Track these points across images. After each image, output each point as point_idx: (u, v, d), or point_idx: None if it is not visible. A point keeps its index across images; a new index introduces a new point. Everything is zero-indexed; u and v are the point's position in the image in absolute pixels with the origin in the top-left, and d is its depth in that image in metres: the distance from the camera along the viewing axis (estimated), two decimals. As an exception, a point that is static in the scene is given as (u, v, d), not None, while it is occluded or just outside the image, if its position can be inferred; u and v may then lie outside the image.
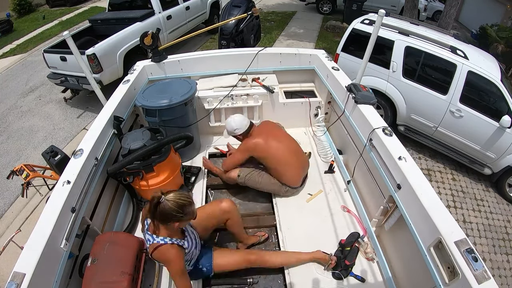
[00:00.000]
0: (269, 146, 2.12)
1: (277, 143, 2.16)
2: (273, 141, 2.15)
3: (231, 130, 2.22)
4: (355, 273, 1.82)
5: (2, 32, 9.74)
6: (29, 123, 5.09)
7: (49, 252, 1.33)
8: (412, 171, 1.60)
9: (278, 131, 2.31)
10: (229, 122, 2.22)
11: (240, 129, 2.20)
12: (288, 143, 2.25)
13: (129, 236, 1.77)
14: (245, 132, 2.21)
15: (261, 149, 2.12)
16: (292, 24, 9.07)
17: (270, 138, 2.16)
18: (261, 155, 2.15)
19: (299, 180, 2.29)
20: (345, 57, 4.41)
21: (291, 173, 2.21)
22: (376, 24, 2.00)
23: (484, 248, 3.34)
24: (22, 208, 3.61)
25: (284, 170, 2.17)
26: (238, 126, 2.19)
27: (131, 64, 2.88)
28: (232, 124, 2.20)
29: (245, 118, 2.25)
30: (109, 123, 2.08)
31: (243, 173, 2.21)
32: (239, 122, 2.20)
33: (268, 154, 2.13)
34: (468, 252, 1.23)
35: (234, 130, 2.20)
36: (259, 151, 2.14)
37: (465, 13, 11.15)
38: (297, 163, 2.24)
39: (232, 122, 2.21)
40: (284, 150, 2.17)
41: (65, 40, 2.07)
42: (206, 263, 1.69)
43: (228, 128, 2.24)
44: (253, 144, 2.14)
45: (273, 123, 2.41)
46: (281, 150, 2.15)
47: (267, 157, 2.15)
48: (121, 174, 2.00)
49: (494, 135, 3.55)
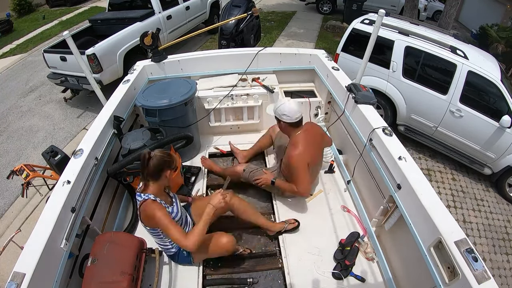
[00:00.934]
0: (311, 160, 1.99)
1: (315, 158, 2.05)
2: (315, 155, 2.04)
3: (280, 112, 1.98)
4: (355, 273, 1.82)
5: (2, 32, 9.73)
6: (29, 123, 5.09)
7: (49, 252, 1.33)
8: (412, 171, 1.60)
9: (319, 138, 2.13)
10: (283, 104, 1.97)
11: (290, 117, 1.95)
12: (320, 153, 2.17)
13: (129, 236, 1.76)
14: (290, 123, 1.98)
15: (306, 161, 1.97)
16: (292, 24, 9.07)
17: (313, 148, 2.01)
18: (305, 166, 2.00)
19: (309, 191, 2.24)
20: (345, 57, 4.41)
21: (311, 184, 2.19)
22: (376, 24, 2.00)
23: (484, 248, 3.34)
24: (22, 208, 3.60)
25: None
26: (289, 113, 1.94)
27: (131, 64, 2.88)
28: (285, 108, 1.95)
29: (300, 110, 1.99)
30: (109, 123, 2.08)
31: (249, 169, 2.20)
32: (292, 109, 1.95)
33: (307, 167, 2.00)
34: (468, 252, 1.23)
35: (282, 115, 1.97)
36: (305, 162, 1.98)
37: (465, 13, 11.15)
38: (316, 175, 2.24)
39: (286, 106, 1.95)
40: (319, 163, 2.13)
41: (65, 40, 2.08)
42: None
43: (279, 108, 1.98)
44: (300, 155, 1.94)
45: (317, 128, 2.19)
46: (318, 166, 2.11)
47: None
48: (121, 174, 2.00)
49: (494, 135, 3.55)
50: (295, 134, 2.02)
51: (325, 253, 1.94)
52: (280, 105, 1.98)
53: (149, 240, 1.86)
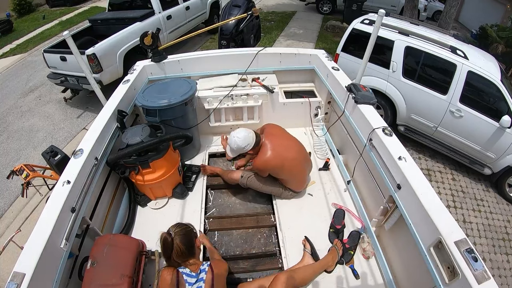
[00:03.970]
0: (283, 161, 2.01)
1: (290, 154, 2.05)
2: (286, 153, 2.03)
3: (240, 149, 1.97)
4: (354, 267, 1.86)
5: (2, 32, 9.72)
6: (29, 123, 5.09)
7: (49, 252, 1.32)
8: (412, 171, 1.60)
9: (286, 139, 2.16)
10: (236, 143, 1.95)
11: (250, 144, 1.97)
12: (298, 149, 2.15)
13: (129, 238, 1.76)
14: (255, 145, 2.00)
15: (274, 165, 2.01)
16: (292, 24, 9.07)
17: (281, 149, 2.03)
18: (275, 171, 2.06)
19: (304, 185, 2.30)
20: (345, 57, 4.41)
21: (300, 180, 2.21)
22: (376, 24, 1.99)
23: (484, 248, 3.34)
24: (22, 208, 3.60)
25: (292, 179, 2.16)
26: (246, 142, 1.95)
27: (131, 64, 2.88)
28: (239, 143, 1.94)
29: (249, 131, 1.99)
30: (109, 123, 2.08)
31: (246, 175, 2.19)
32: (245, 138, 1.95)
33: (282, 169, 2.04)
34: (468, 252, 1.23)
35: (244, 148, 1.97)
36: (273, 168, 2.04)
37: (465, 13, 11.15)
38: (305, 171, 2.23)
39: (239, 141, 1.94)
40: (297, 160, 2.08)
41: (65, 40, 2.07)
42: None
43: (234, 148, 1.98)
44: (264, 163, 1.99)
45: (279, 128, 2.23)
46: (295, 162, 2.06)
47: (280, 172, 2.08)
48: (119, 167, 2.05)
49: (494, 135, 3.55)
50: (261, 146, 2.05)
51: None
52: (234, 145, 1.97)
53: (149, 242, 1.87)
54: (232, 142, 1.99)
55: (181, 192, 2.29)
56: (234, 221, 2.18)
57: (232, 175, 2.25)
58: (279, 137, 2.12)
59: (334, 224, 2.07)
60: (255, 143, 2.00)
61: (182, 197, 2.31)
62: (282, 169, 2.04)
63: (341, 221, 2.08)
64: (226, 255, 1.96)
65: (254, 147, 2.01)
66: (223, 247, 2.03)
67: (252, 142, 1.97)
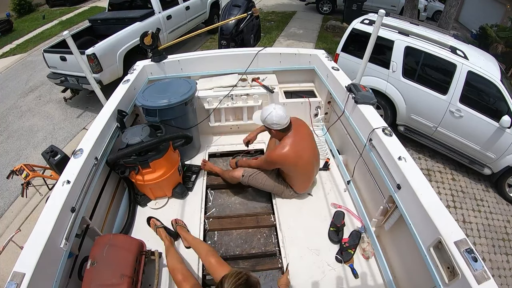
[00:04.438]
0: (298, 159, 1.98)
1: (306, 154, 2.02)
2: (303, 153, 2.00)
3: (269, 121, 1.92)
4: (353, 267, 1.86)
5: (2, 32, 9.73)
6: (29, 123, 5.09)
7: (49, 252, 1.32)
8: (412, 171, 1.60)
9: (307, 140, 2.10)
10: (270, 113, 1.90)
11: (280, 125, 1.92)
12: (313, 153, 2.12)
13: (129, 238, 1.76)
14: (282, 130, 1.96)
15: (290, 162, 1.98)
16: (292, 24, 9.07)
17: (300, 147, 1.98)
18: (287, 166, 2.04)
19: (308, 187, 2.29)
20: (345, 57, 4.41)
21: (306, 181, 2.21)
22: (376, 24, 1.99)
23: (484, 248, 3.34)
24: (22, 208, 3.60)
25: (301, 179, 2.16)
26: (278, 121, 1.90)
27: (131, 64, 2.88)
28: (273, 118, 1.90)
29: (287, 114, 1.93)
30: (109, 123, 2.08)
31: (248, 173, 2.18)
32: (280, 117, 1.90)
33: (295, 166, 2.02)
34: (467, 252, 1.23)
35: (272, 124, 1.92)
36: (287, 163, 2.01)
37: (465, 13, 11.16)
38: (313, 173, 2.23)
39: (274, 115, 1.89)
40: (310, 163, 2.08)
41: (65, 40, 2.07)
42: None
43: (267, 117, 1.92)
44: (283, 156, 1.95)
45: (306, 128, 2.15)
46: (308, 164, 2.06)
47: (291, 169, 2.05)
48: (119, 167, 2.04)
49: (494, 135, 3.55)
50: (285, 136, 2.00)
51: (325, 253, 1.94)
52: (268, 115, 1.92)
53: (149, 242, 1.87)
54: (266, 111, 1.93)
55: (181, 192, 2.29)
56: (234, 221, 2.18)
57: (233, 173, 2.25)
58: (301, 135, 2.05)
59: (334, 223, 2.07)
60: (283, 129, 1.95)
61: (182, 197, 2.31)
62: (295, 167, 2.02)
63: (341, 220, 2.08)
64: (226, 255, 1.96)
65: (279, 130, 1.96)
66: (223, 247, 2.03)
67: (283, 124, 1.92)
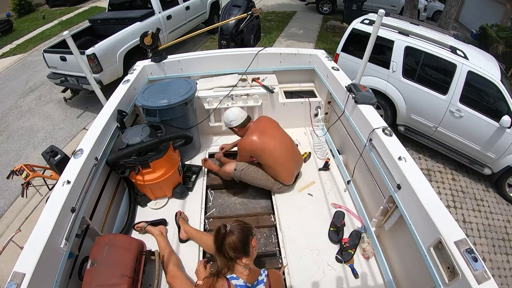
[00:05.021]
0: (265, 144, 2.12)
1: (273, 141, 2.15)
2: (269, 139, 2.14)
3: (228, 121, 2.23)
4: (353, 267, 1.86)
5: (2, 32, 9.72)
6: (29, 123, 5.09)
7: (49, 252, 1.32)
8: (412, 171, 1.60)
9: (274, 129, 2.29)
10: (226, 114, 2.24)
11: (236, 120, 2.19)
12: (283, 140, 2.24)
13: (129, 239, 1.76)
14: (241, 124, 2.21)
15: (256, 147, 2.12)
16: (292, 24, 9.07)
17: (266, 135, 2.15)
18: (257, 153, 2.16)
19: (292, 178, 2.31)
20: (345, 57, 4.41)
21: (285, 171, 2.23)
22: (376, 24, 1.99)
23: (484, 248, 3.34)
24: (22, 208, 3.60)
25: (279, 168, 2.18)
26: (234, 117, 2.19)
27: (131, 64, 2.88)
28: (229, 116, 2.21)
29: (242, 111, 2.24)
30: (109, 123, 2.08)
31: (239, 167, 2.22)
32: (236, 113, 2.19)
33: (264, 152, 2.14)
34: (468, 252, 1.23)
35: (230, 122, 2.21)
36: (255, 149, 2.14)
37: (465, 13, 11.16)
38: (291, 161, 2.24)
39: (230, 114, 2.21)
40: (280, 148, 2.16)
41: (65, 40, 2.07)
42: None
43: (225, 119, 2.25)
44: (249, 142, 2.14)
45: (270, 119, 2.37)
46: (278, 149, 2.15)
47: (262, 155, 2.15)
48: (119, 167, 2.04)
49: (494, 135, 3.55)
50: (248, 129, 2.23)
51: (325, 253, 1.94)
52: (225, 117, 2.24)
53: (149, 242, 1.87)
54: (224, 114, 2.26)
55: (181, 192, 2.29)
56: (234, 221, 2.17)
57: (225, 168, 2.27)
58: (265, 125, 2.27)
59: (335, 223, 2.07)
60: (242, 123, 2.20)
61: (182, 197, 2.31)
62: (263, 152, 2.14)
63: (341, 220, 2.09)
64: (226, 255, 1.96)
65: (240, 126, 2.21)
66: (223, 247, 2.03)
67: (239, 120, 2.19)
